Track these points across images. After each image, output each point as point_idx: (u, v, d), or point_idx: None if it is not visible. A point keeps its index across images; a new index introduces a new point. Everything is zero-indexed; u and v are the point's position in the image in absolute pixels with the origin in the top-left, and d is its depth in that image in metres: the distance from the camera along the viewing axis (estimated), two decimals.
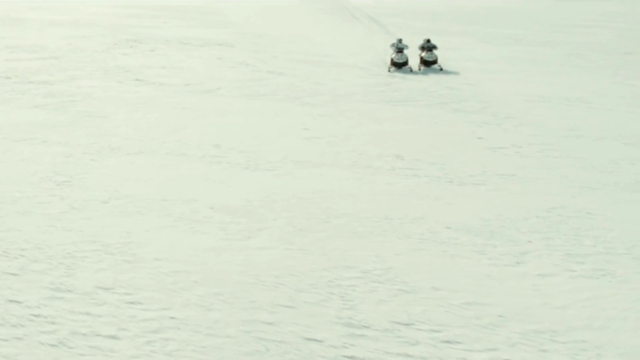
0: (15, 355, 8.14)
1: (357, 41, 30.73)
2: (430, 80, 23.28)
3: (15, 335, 8.53)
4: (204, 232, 11.49)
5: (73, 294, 9.50)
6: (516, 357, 8.37)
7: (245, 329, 8.76)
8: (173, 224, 11.75)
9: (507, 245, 11.26)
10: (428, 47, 25.55)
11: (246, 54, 27.40)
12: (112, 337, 8.53)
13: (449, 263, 10.67)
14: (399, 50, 25.28)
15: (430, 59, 25.10)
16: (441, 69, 24.70)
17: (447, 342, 8.64)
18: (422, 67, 25.11)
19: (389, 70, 24.66)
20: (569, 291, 9.87)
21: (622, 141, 16.73)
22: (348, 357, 8.31)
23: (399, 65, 24.81)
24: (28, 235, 11.23)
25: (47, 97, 20.22)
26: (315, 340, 8.59)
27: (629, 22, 36.57)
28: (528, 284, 10.04)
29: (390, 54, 25.50)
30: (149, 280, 9.88)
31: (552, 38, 32.07)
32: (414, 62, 25.10)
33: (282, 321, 9.00)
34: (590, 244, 11.34)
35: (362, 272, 10.31)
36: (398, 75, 23.67)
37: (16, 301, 9.29)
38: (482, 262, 10.70)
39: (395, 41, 26.12)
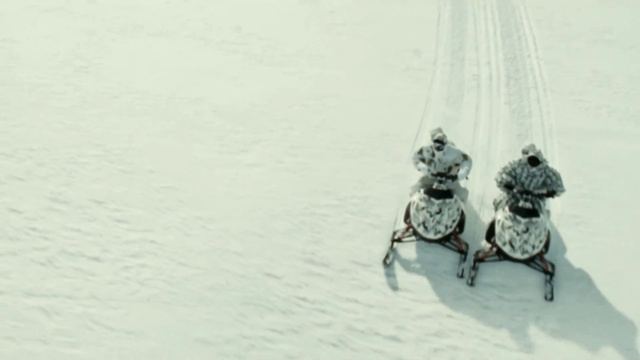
0: (8, 272, 9.20)
1: None
2: None
3: (11, 250, 9.56)
4: (202, 141, 12.12)
5: (68, 207, 10.42)
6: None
7: (214, 259, 9.58)
8: (174, 129, 12.40)
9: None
10: (528, 193, 9.47)
11: None
12: (95, 259, 9.48)
13: None
14: (433, 189, 9.78)
15: (531, 251, 9.20)
16: (551, 278, 9.30)
17: (397, 289, 9.31)
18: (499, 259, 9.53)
19: (386, 261, 9.63)
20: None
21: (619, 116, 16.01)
22: (300, 298, 9.11)
23: (428, 240, 9.69)
24: (38, 133, 12.06)
25: None
26: (274, 276, 9.35)
27: None
28: None
29: (410, 193, 10.30)
30: (139, 196, 10.71)
31: None
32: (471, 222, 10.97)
33: (249, 251, 9.75)
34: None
35: (339, 200, 10.88)
36: None
37: (17, 211, 10.27)
38: None
39: (426, 147, 10.11)
